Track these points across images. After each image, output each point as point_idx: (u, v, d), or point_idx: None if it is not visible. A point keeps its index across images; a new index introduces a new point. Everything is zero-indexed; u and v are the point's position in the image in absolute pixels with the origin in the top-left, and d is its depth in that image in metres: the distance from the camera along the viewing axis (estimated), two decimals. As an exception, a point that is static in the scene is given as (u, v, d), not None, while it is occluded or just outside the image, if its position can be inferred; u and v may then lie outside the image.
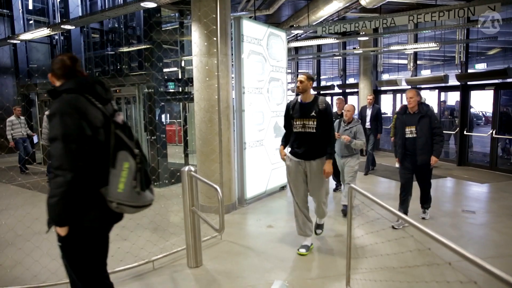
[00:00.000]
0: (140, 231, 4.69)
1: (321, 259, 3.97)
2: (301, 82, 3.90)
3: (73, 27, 6.97)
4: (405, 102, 4.98)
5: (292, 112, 3.99)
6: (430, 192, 5.16)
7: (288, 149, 4.18)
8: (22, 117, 8.77)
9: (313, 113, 3.85)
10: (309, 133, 3.87)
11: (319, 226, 4.54)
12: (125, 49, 9.06)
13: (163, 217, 5.18)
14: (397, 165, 5.12)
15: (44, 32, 6.92)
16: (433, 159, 4.77)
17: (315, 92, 16.08)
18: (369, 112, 8.58)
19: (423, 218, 5.26)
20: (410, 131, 4.81)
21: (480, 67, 10.16)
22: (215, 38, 4.64)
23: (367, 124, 8.43)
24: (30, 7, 11.75)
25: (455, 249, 1.71)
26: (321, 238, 4.54)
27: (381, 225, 4.71)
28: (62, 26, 6.73)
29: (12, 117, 8.47)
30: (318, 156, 3.90)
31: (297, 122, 3.92)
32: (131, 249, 4.08)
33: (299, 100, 4.00)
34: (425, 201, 5.23)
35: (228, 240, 4.54)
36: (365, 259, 3.35)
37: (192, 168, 3.74)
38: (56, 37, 10.63)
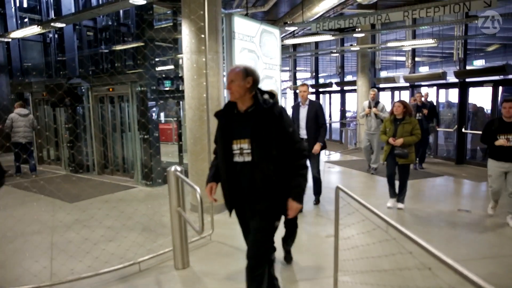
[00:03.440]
0: (126, 232, 4.61)
1: (310, 260, 3.89)
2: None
3: (64, 25, 6.89)
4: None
5: None
6: (263, 279, 2.48)
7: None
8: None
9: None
10: None
11: None
12: (118, 47, 8.98)
13: (151, 217, 5.10)
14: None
15: (34, 30, 6.85)
16: (292, 205, 2.42)
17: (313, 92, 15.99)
18: (304, 112, 5.42)
19: None
20: (239, 150, 2.42)
21: (479, 63, 10.03)
22: (203, 36, 4.55)
23: (303, 133, 5.39)
24: (25, 5, 11.68)
25: (434, 253, 1.62)
26: (312, 239, 4.46)
27: (367, 226, 4.61)
28: (52, 24, 6.65)
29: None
30: None
31: None
32: (117, 251, 4.01)
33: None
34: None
35: (218, 241, 4.46)
36: (353, 261, 3.28)
37: (178, 168, 3.67)
38: (50, 35, 10.55)
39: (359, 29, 10.17)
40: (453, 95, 10.93)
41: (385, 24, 10.10)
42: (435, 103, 10.36)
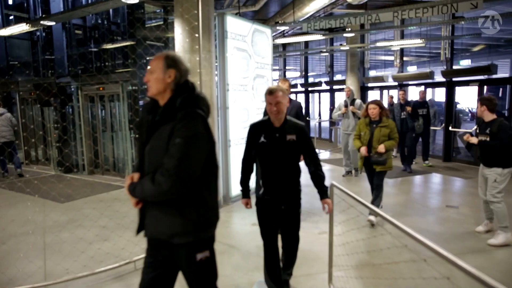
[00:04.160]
0: (121, 231, 4.60)
1: (304, 256, 3.95)
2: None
3: (53, 23, 6.81)
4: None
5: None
6: None
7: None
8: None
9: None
10: None
11: None
12: (109, 46, 8.91)
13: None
14: None
15: (22, 28, 6.74)
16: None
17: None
18: None
19: None
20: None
21: (465, 63, 10.26)
22: (197, 35, 4.57)
23: None
24: (10, 2, 11.48)
25: (429, 245, 1.69)
26: (305, 235, 4.50)
27: (362, 222, 4.71)
28: (42, 22, 6.56)
29: None
30: None
31: None
32: (112, 250, 4.00)
33: None
34: None
35: (212, 239, 4.49)
36: (347, 256, 3.35)
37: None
38: (38, 33, 10.38)
39: (349, 29, 10.29)
40: (440, 94, 11.15)
41: (374, 24, 10.24)
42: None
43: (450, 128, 9.45)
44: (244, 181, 3.13)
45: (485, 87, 9.09)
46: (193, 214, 1.88)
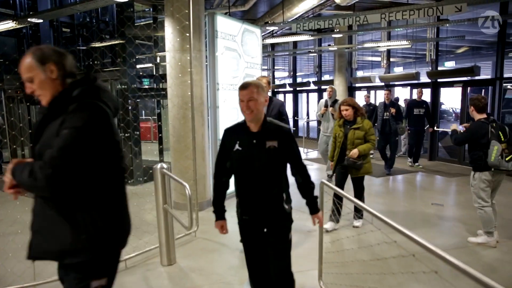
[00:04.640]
0: (112, 230, 4.59)
1: (294, 254, 4.00)
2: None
3: (41, 21, 6.72)
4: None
5: None
6: None
7: None
8: None
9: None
10: None
11: None
12: (98, 45, 8.83)
13: (136, 215, 5.08)
14: None
15: (9, 25, 6.63)
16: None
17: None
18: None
19: None
20: None
21: (449, 65, 10.50)
22: (188, 34, 4.59)
23: None
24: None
25: (418, 241, 1.76)
26: (294, 234, 4.57)
27: (351, 219, 4.79)
28: (29, 19, 6.47)
29: None
30: None
31: None
32: (103, 249, 3.99)
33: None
34: None
35: (203, 237, 4.52)
36: (337, 253, 3.42)
37: (165, 166, 3.71)
38: (24, 30, 10.21)
39: (337, 30, 10.41)
40: (425, 94, 11.34)
41: (362, 25, 10.39)
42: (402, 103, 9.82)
43: (435, 128, 9.66)
44: (217, 201, 2.52)
45: (469, 88, 9.31)
46: (88, 225, 1.55)
